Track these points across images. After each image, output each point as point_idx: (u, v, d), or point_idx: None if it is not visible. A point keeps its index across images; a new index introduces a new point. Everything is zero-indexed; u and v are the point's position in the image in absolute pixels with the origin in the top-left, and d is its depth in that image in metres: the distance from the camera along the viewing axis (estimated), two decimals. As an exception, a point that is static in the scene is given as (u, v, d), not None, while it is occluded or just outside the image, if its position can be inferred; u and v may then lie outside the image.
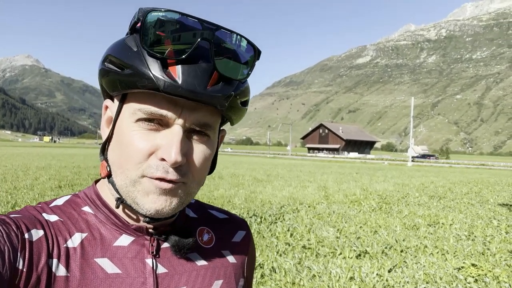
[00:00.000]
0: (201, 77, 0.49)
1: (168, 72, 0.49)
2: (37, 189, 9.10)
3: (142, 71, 0.49)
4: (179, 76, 0.49)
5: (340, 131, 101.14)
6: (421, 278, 4.07)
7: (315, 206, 8.43)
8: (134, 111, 0.52)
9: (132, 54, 0.50)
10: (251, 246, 0.74)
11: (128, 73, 0.50)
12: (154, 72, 0.48)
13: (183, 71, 0.49)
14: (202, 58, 0.50)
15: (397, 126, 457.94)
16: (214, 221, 0.71)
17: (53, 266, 0.51)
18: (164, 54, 0.48)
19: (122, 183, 0.54)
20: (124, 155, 0.53)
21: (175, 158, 0.50)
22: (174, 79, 0.48)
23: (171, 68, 0.49)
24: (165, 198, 0.53)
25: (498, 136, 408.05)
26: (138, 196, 0.53)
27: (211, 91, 0.50)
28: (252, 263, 0.75)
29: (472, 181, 18.13)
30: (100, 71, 0.54)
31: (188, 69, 0.49)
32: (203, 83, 0.49)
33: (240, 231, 0.73)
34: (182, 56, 0.49)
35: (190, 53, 0.49)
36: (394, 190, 12.44)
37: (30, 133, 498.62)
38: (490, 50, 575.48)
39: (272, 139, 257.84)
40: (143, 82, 0.49)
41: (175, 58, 0.49)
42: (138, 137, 0.52)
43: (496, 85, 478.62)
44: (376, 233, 6.03)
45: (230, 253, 0.68)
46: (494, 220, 7.44)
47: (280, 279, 3.88)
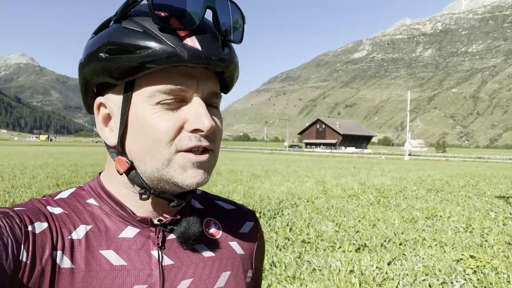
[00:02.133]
0: (214, 44, 0.51)
1: (187, 43, 0.49)
2: (35, 187, 9.07)
3: (161, 47, 0.48)
4: (198, 44, 0.50)
5: (337, 126, 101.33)
6: (420, 270, 4.10)
7: (314, 201, 8.45)
8: (150, 94, 0.51)
9: (141, 35, 0.49)
10: (260, 237, 0.73)
11: (144, 54, 0.48)
12: (174, 45, 0.48)
13: (198, 39, 0.50)
14: (209, 26, 0.52)
15: (394, 121, 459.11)
16: (221, 212, 0.70)
17: (58, 258, 0.51)
18: (176, 27, 0.49)
19: (153, 168, 0.53)
20: (151, 139, 0.52)
21: (210, 124, 0.51)
22: (195, 47, 0.49)
23: (187, 39, 0.49)
24: (203, 171, 0.54)
25: (494, 129, 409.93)
26: (175, 175, 0.53)
27: (224, 56, 0.52)
28: (261, 254, 0.74)
29: (469, 174, 18.21)
30: (93, 64, 0.52)
31: (202, 37, 0.50)
32: (217, 49, 0.51)
33: (248, 222, 0.72)
34: (194, 26, 0.50)
35: (200, 23, 0.50)
36: (392, 184, 12.49)
37: (26, 132, 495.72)
38: (486, 43, 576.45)
39: (269, 135, 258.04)
40: (164, 58, 0.48)
41: (188, 29, 0.49)
42: (161, 118, 0.51)
43: (492, 78, 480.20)
44: (374, 226, 6.06)
45: (238, 244, 0.67)
46: (492, 212, 7.49)
47: (280, 273, 3.90)
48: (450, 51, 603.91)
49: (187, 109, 0.52)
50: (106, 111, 0.56)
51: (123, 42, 0.50)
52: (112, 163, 0.57)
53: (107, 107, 0.56)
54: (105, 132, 0.57)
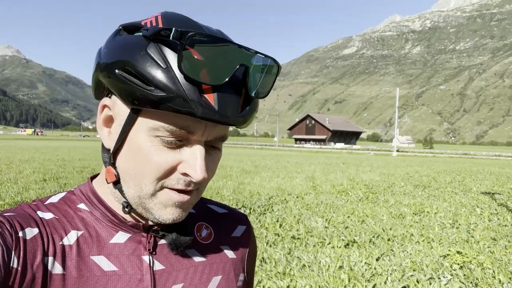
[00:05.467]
0: (235, 103, 0.49)
1: (205, 98, 0.47)
2: (21, 182, 8.92)
3: (178, 96, 0.46)
4: (216, 102, 0.48)
5: (327, 122, 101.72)
6: (408, 265, 4.16)
7: (303, 197, 8.49)
8: (155, 127, 0.50)
9: (162, 72, 0.46)
10: (252, 241, 0.73)
11: (158, 94, 0.46)
12: (192, 98, 0.46)
13: (219, 97, 0.48)
14: (236, 82, 0.50)
15: (383, 117, 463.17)
16: (213, 216, 0.70)
17: (49, 264, 0.51)
18: (200, 79, 0.47)
19: (135, 195, 0.53)
20: (141, 169, 0.51)
21: (202, 176, 0.50)
22: (211, 106, 0.47)
23: (208, 95, 0.47)
24: (182, 210, 0.54)
25: (480, 126, 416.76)
26: (154, 208, 0.53)
27: (241, 115, 0.50)
28: (253, 258, 0.74)
29: (455, 170, 18.50)
30: (107, 74, 0.50)
31: (223, 95, 0.48)
32: (236, 109, 0.50)
33: (240, 225, 0.72)
34: (220, 83, 0.48)
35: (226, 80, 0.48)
36: (380, 180, 12.62)
37: (12, 126, 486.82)
38: (473, 41, 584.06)
39: (259, 130, 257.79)
40: (176, 106, 0.47)
41: (212, 84, 0.47)
42: (158, 153, 0.50)
43: (479, 75, 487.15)
44: (363, 222, 6.12)
45: (230, 248, 0.67)
46: (477, 208, 7.63)
47: (270, 269, 3.91)
48: (438, 48, 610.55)
49: (186, 151, 0.51)
50: (110, 113, 0.55)
51: (141, 71, 0.47)
52: (104, 169, 0.58)
53: (112, 110, 0.55)
54: (104, 132, 0.56)
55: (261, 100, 0.53)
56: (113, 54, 0.50)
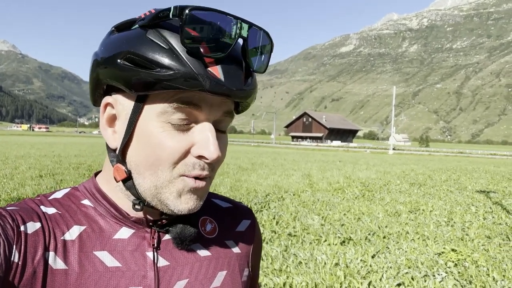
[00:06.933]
0: (239, 75, 0.50)
1: (211, 72, 0.48)
2: (17, 178, 8.89)
3: (184, 71, 0.47)
4: (221, 75, 0.48)
5: (324, 120, 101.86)
6: (403, 263, 4.19)
7: (300, 194, 8.52)
8: (163, 110, 0.50)
9: (166, 52, 0.47)
10: (257, 236, 0.73)
11: (165, 74, 0.47)
12: (199, 72, 0.47)
13: (223, 70, 0.49)
14: (237, 55, 0.51)
15: (379, 115, 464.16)
16: (217, 210, 0.69)
17: (50, 259, 0.50)
18: (203, 53, 0.47)
19: (151, 185, 0.52)
20: (156, 157, 0.51)
21: (217, 154, 0.50)
22: (217, 79, 0.48)
23: (212, 68, 0.48)
24: (196, 197, 0.54)
25: (476, 125, 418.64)
26: (170, 197, 0.52)
27: (246, 87, 0.51)
28: (258, 253, 0.74)
29: (451, 168, 18.59)
30: (109, 68, 0.50)
31: (227, 67, 0.49)
32: (241, 81, 0.51)
33: (245, 220, 0.71)
34: (222, 54, 0.48)
35: (229, 51, 0.49)
36: (376, 178, 12.67)
37: (7, 121, 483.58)
38: (470, 40, 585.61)
39: (256, 128, 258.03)
40: (184, 82, 0.47)
41: (215, 57, 0.48)
42: (170, 137, 0.51)
43: (475, 74, 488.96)
44: (359, 220, 6.15)
45: (234, 243, 0.67)
46: (472, 206, 7.69)
47: (267, 266, 3.93)
48: (435, 47, 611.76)
49: (196, 132, 0.52)
50: (113, 111, 0.55)
51: (145, 55, 0.47)
52: (111, 168, 0.57)
53: (115, 108, 0.54)
54: (108, 132, 0.55)
55: (258, 97, 0.52)
56: (112, 48, 0.50)
